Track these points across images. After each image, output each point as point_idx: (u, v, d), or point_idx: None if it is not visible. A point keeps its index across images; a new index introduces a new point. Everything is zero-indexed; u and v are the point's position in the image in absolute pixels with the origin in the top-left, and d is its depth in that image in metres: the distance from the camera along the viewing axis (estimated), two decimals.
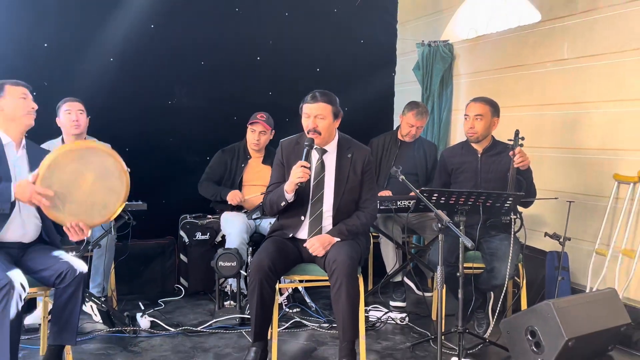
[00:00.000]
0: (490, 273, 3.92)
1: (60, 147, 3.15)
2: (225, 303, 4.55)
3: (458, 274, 3.52)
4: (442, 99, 6.00)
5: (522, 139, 4.04)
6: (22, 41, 4.81)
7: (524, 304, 4.08)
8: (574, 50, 4.71)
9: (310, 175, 3.57)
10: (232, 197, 4.70)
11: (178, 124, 5.30)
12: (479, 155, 4.26)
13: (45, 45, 4.87)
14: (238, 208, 4.76)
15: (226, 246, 4.47)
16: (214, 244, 4.99)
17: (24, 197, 3.08)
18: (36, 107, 3.41)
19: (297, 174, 3.46)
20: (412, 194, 4.54)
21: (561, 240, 4.10)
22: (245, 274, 4.37)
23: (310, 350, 3.90)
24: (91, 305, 4.36)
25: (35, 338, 3.86)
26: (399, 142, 5.08)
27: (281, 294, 4.64)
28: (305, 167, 3.46)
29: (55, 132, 4.48)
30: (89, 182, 3.16)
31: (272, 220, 4.20)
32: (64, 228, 3.20)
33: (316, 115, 3.57)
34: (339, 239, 3.58)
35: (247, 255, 4.52)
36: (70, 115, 4.41)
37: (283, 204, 3.58)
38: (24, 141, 3.40)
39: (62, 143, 4.47)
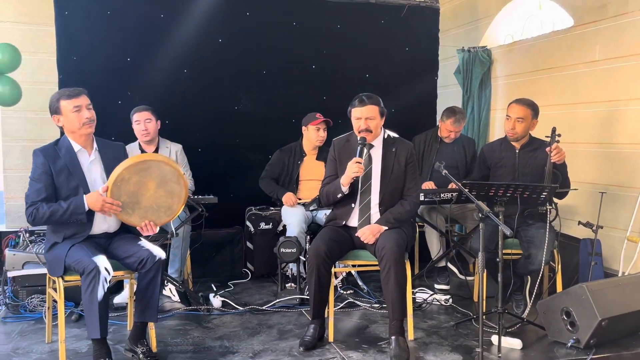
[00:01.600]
0: (527, 259, 3.85)
1: (121, 164, 3.21)
2: (287, 285, 4.60)
3: (497, 259, 3.48)
4: (481, 99, 5.91)
5: (559, 135, 3.94)
6: (108, 57, 4.95)
7: (559, 287, 3.99)
8: (605, 52, 4.56)
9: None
10: (287, 199, 4.73)
11: (243, 127, 5.36)
12: (517, 152, 4.18)
13: (128, 59, 5.00)
14: None
15: (287, 234, 4.51)
16: (276, 232, 5.03)
17: (96, 207, 3.18)
18: (90, 116, 3.29)
19: (353, 169, 3.49)
20: (453, 186, 4.52)
21: (594, 228, 3.99)
22: (304, 259, 4.40)
23: (363, 327, 3.91)
24: (170, 288, 4.47)
25: (123, 315, 3.98)
26: (439, 138, 5.02)
27: (336, 278, 4.66)
28: (359, 162, 3.48)
29: (133, 137, 4.60)
30: (152, 190, 3.26)
31: (327, 211, 4.22)
32: (137, 228, 3.30)
33: (367, 117, 3.59)
34: (387, 227, 3.58)
35: (306, 243, 4.55)
36: (140, 125, 4.50)
37: (339, 195, 3.61)
38: (95, 144, 3.39)
39: (139, 147, 4.58)
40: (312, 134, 4.83)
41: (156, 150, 4.61)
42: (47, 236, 3.36)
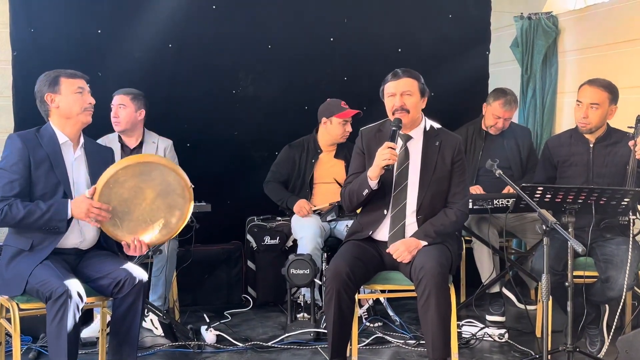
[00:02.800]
0: (605, 283, 3.84)
1: (120, 162, 3.29)
2: (298, 315, 4.62)
3: (567, 283, 3.48)
4: (546, 80, 5.90)
5: None
6: (74, 28, 5.01)
7: None
8: None
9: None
10: (299, 208, 4.76)
11: (243, 115, 5.40)
12: (591, 146, 4.17)
13: (99, 32, 5.05)
14: None
15: (298, 252, 4.53)
16: (284, 249, 5.06)
17: (80, 213, 3.23)
18: (93, 102, 3.50)
19: (384, 155, 3.47)
20: (508, 191, 4.52)
21: None
22: (320, 282, 4.43)
23: None
24: (151, 319, 4.51)
25: (93, 353, 4.02)
26: (483, 132, 5.02)
27: (361, 306, 4.67)
28: (392, 148, 3.48)
29: (111, 127, 4.64)
30: (149, 200, 3.31)
31: (349, 222, 4.24)
32: (123, 243, 3.34)
33: (402, 92, 3.62)
34: (426, 243, 3.59)
35: (322, 262, 4.57)
36: (112, 111, 4.57)
37: (366, 192, 3.60)
38: (82, 139, 3.51)
39: (119, 139, 4.63)
40: (337, 129, 4.85)
41: (140, 145, 4.65)
42: (8, 241, 3.40)
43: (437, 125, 3.80)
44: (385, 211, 3.70)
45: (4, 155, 3.35)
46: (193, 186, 3.45)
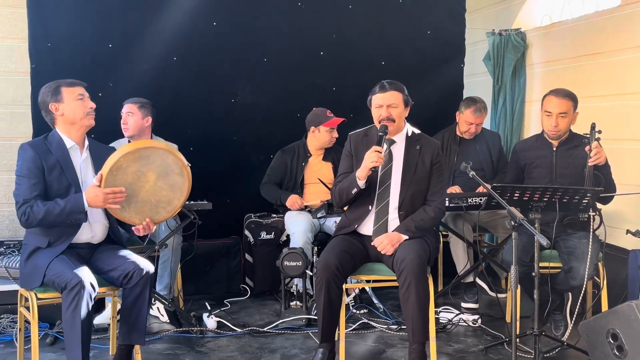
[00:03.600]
0: (568, 273, 3.86)
1: (120, 150, 3.27)
2: (292, 303, 4.63)
3: (533, 273, 3.50)
4: (515, 90, 5.91)
5: (599, 132, 3.94)
6: (87, 42, 4.99)
7: (604, 306, 3.99)
8: None
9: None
10: (292, 202, 4.78)
11: (242, 122, 5.40)
12: (555, 149, 4.19)
13: (110, 46, 5.04)
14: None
15: (291, 245, 4.54)
16: (279, 243, 5.07)
17: (98, 203, 3.22)
18: (94, 106, 3.47)
19: (371, 158, 3.50)
20: (481, 190, 4.54)
21: None
22: (311, 273, 4.43)
23: (379, 352, 3.93)
24: (157, 307, 4.50)
25: (104, 338, 4.02)
26: (458, 138, 5.04)
27: (348, 295, 4.68)
28: (379, 151, 3.50)
29: (122, 132, 4.64)
30: (151, 181, 3.30)
31: (337, 219, 4.25)
32: (133, 228, 3.34)
33: (389, 104, 3.65)
34: (407, 237, 3.60)
35: (313, 255, 4.58)
36: (122, 118, 4.57)
37: (355, 190, 3.62)
38: (87, 142, 3.50)
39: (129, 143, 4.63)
40: (324, 136, 4.87)
41: None
42: (27, 240, 3.40)
43: (417, 131, 3.82)
44: (370, 207, 3.72)
45: (19, 164, 3.33)
46: (190, 164, 3.45)
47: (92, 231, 3.45)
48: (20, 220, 3.25)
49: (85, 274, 3.16)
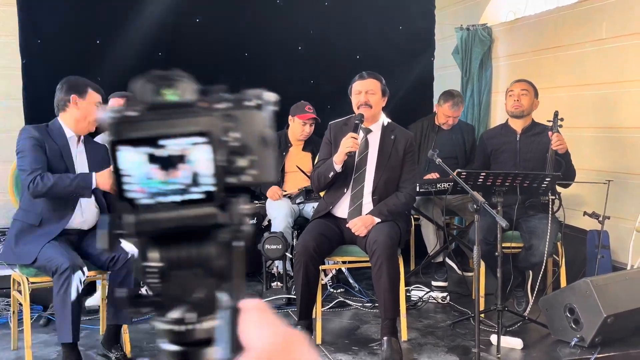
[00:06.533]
0: (528, 251, 3.92)
1: None
2: (273, 284, 4.65)
3: (496, 253, 3.54)
4: (482, 81, 5.95)
5: (561, 119, 4.00)
6: (76, 38, 4.97)
7: (563, 282, 4.05)
8: (612, 29, 4.61)
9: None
10: (271, 193, 4.78)
11: None
12: (518, 136, 4.24)
13: (98, 42, 5.02)
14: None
15: (272, 230, 4.56)
16: (261, 227, 5.08)
17: (106, 186, 3.24)
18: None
19: (347, 143, 3.53)
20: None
21: (600, 219, 4.06)
22: (291, 256, 4.46)
23: (354, 328, 3.97)
24: (146, 289, 4.50)
25: (95, 319, 4.02)
26: (436, 127, 5.07)
27: (326, 275, 4.72)
28: (354, 138, 3.53)
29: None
30: None
31: (315, 204, 4.28)
32: None
33: (367, 90, 3.68)
34: (379, 220, 3.64)
35: (292, 239, 4.60)
36: None
37: (331, 174, 3.65)
38: (82, 137, 3.51)
39: None
40: (297, 128, 4.88)
41: None
42: (18, 216, 3.37)
43: (391, 121, 3.86)
44: (345, 190, 3.75)
45: (21, 142, 3.30)
46: None
47: (83, 216, 3.44)
48: (28, 188, 3.20)
49: (75, 259, 3.17)
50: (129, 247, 2.31)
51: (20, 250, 3.30)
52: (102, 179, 3.25)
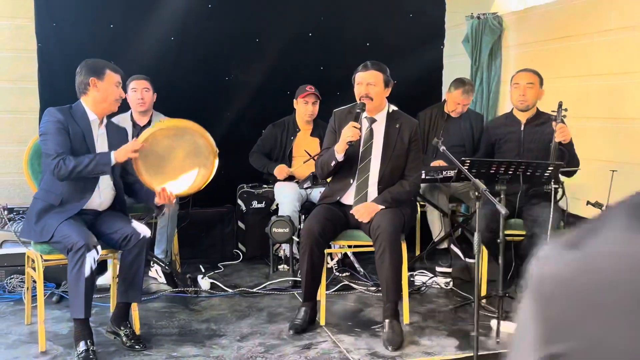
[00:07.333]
0: (530, 239, 3.96)
1: (159, 124, 3.43)
2: (279, 267, 4.73)
3: (498, 240, 3.59)
4: (491, 70, 5.96)
5: (566, 110, 4.02)
6: (90, 23, 5.03)
7: None
8: (620, 20, 4.61)
9: (360, 138, 3.67)
10: (279, 171, 4.83)
11: (235, 99, 5.45)
12: (522, 126, 4.27)
13: (111, 26, 5.08)
14: (290, 178, 4.90)
15: (279, 214, 4.62)
16: (269, 212, 5.14)
17: (122, 156, 3.31)
18: (124, 95, 3.58)
19: (348, 133, 3.56)
20: None
21: (603, 208, 4.08)
22: (298, 239, 4.53)
23: (357, 310, 4.04)
24: (156, 270, 4.60)
25: (106, 297, 4.10)
26: (445, 115, 5.10)
27: (332, 259, 4.79)
28: (355, 127, 3.56)
29: (124, 107, 4.68)
30: (179, 158, 3.40)
31: (322, 189, 4.34)
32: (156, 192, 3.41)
33: (368, 82, 3.67)
34: (383, 207, 3.69)
35: (299, 223, 4.66)
36: (136, 93, 4.59)
37: (333, 163, 3.68)
38: (105, 120, 3.57)
39: (131, 118, 4.68)
40: (301, 108, 4.92)
41: (149, 124, 4.70)
42: (39, 195, 3.44)
43: (397, 109, 3.87)
44: (351, 180, 3.79)
45: (45, 124, 3.35)
46: (218, 150, 3.53)
47: (101, 197, 3.52)
48: (53, 172, 3.28)
49: (89, 237, 3.24)
50: (142, 228, 2.47)
51: (40, 227, 3.38)
52: (120, 154, 3.32)
